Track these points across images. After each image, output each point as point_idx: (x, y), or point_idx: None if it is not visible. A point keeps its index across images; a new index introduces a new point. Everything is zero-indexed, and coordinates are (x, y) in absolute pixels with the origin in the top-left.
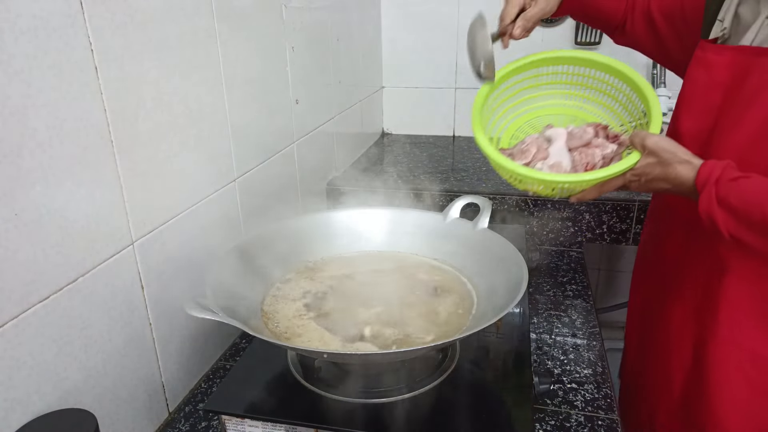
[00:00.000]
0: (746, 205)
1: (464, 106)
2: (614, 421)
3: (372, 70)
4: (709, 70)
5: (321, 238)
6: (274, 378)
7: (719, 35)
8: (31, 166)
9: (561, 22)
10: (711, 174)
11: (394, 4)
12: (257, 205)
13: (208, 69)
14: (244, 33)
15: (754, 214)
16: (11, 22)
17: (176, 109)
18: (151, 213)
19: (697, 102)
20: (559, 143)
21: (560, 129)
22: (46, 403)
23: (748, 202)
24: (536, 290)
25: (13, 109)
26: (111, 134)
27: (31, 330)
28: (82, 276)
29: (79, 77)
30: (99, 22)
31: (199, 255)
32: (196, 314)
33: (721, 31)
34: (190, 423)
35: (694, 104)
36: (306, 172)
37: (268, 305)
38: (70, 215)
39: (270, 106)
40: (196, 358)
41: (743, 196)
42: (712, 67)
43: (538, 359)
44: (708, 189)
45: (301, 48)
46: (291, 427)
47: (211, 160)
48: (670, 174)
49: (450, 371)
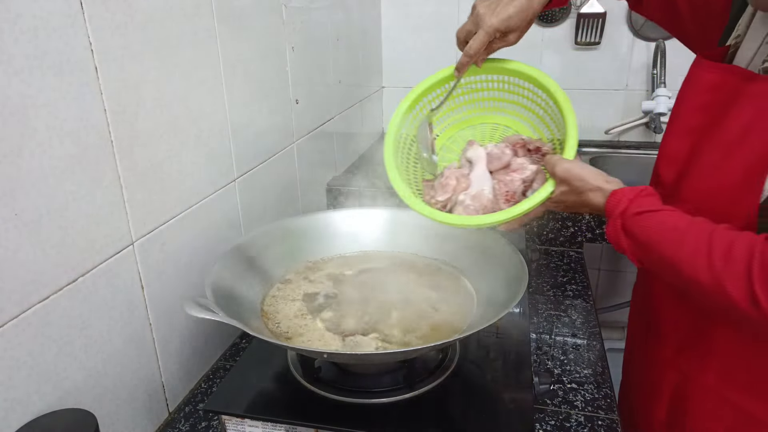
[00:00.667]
0: (648, 241)
1: None
2: (614, 421)
3: (372, 70)
4: (695, 87)
5: (321, 238)
6: (274, 378)
7: (733, 42)
8: (31, 166)
9: (561, 22)
10: (618, 205)
11: (394, 4)
12: (257, 205)
13: (208, 69)
14: (244, 33)
15: (653, 252)
16: (11, 22)
17: (176, 109)
18: (151, 213)
19: (681, 121)
20: (480, 167)
21: (480, 150)
22: (46, 403)
23: (650, 240)
24: (536, 290)
25: (13, 109)
26: (111, 134)
27: (31, 330)
28: (82, 276)
29: (79, 77)
30: (99, 22)
31: (199, 255)
32: (196, 314)
33: (734, 39)
34: (190, 423)
35: (677, 123)
36: (306, 172)
37: (268, 305)
38: (70, 215)
39: (270, 106)
40: (196, 358)
41: (645, 232)
42: (698, 84)
43: (538, 359)
44: (614, 220)
45: (301, 48)
46: (291, 427)
47: (211, 160)
48: (585, 201)
49: (450, 371)
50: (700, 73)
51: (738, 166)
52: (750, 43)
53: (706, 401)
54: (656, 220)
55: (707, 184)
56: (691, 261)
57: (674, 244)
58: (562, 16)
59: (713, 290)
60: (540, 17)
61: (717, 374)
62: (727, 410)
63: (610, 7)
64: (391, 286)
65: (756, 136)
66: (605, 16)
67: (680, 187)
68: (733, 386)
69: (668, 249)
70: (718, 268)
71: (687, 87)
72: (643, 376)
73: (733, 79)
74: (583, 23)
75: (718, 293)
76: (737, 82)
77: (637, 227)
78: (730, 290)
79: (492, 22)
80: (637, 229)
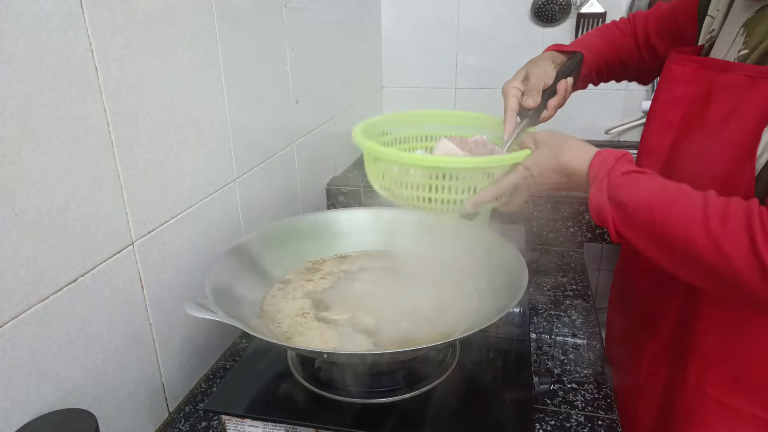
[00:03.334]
0: (637, 204)
1: (464, 106)
2: (614, 421)
3: (372, 70)
4: (670, 82)
5: (321, 238)
6: (274, 378)
7: (708, 37)
8: (31, 166)
9: (561, 22)
10: (603, 164)
11: (394, 4)
12: (257, 205)
13: (208, 69)
14: (244, 33)
15: (641, 215)
16: (11, 22)
17: (176, 109)
18: (151, 213)
19: (658, 116)
20: (448, 144)
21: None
22: (46, 403)
23: (639, 202)
24: (536, 290)
25: (13, 109)
26: (111, 134)
27: (31, 330)
28: (82, 276)
29: (79, 77)
30: (99, 22)
31: (199, 255)
32: (196, 314)
33: (709, 34)
34: (190, 423)
35: (655, 118)
36: (306, 172)
37: (269, 305)
38: (70, 215)
39: (270, 106)
40: (196, 358)
41: (633, 194)
42: (673, 79)
43: (538, 359)
44: (599, 181)
45: (301, 48)
46: (291, 427)
47: (211, 160)
48: (563, 163)
49: (450, 371)
50: (675, 68)
51: (723, 156)
52: (726, 37)
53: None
54: (645, 181)
55: (692, 175)
56: (685, 223)
57: (665, 207)
58: (562, 16)
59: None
60: (540, 17)
61: (697, 373)
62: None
63: (610, 7)
64: (391, 286)
65: (737, 124)
66: (605, 16)
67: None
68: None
69: (659, 211)
70: (715, 230)
71: (662, 82)
72: (626, 372)
73: (707, 72)
74: (583, 23)
75: (717, 256)
76: (712, 73)
77: (624, 189)
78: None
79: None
80: (623, 191)
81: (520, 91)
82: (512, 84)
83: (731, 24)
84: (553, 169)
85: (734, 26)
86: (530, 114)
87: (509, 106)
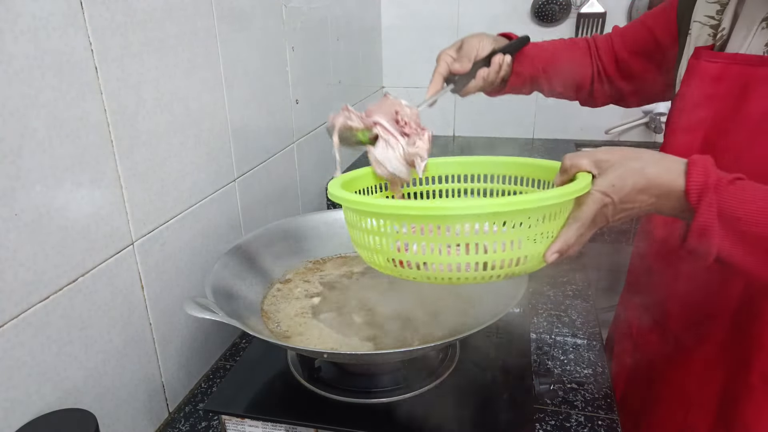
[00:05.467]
0: (751, 217)
1: (464, 106)
2: (614, 421)
3: (372, 70)
4: (698, 80)
5: (321, 238)
6: (274, 378)
7: (718, 39)
8: (31, 166)
9: (561, 22)
10: (707, 175)
11: (394, 4)
12: (257, 205)
13: (208, 69)
14: (244, 33)
15: (759, 228)
16: (11, 22)
17: (176, 109)
18: (151, 213)
19: (686, 115)
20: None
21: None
22: (46, 403)
23: (754, 212)
24: (536, 290)
25: (13, 109)
26: (111, 134)
27: (31, 330)
28: (82, 276)
29: (79, 77)
30: (99, 22)
31: (199, 255)
32: (196, 314)
33: (720, 32)
34: (190, 423)
35: (683, 117)
36: (306, 172)
37: (268, 305)
38: (70, 215)
39: (270, 106)
40: (196, 358)
41: (748, 205)
42: (702, 76)
43: (538, 359)
44: (709, 196)
45: (301, 48)
46: (291, 427)
47: (211, 160)
48: (652, 180)
49: (450, 371)
50: (702, 66)
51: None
52: (742, 33)
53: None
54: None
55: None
56: None
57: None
58: (562, 16)
59: None
60: (540, 17)
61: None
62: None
63: (610, 6)
64: (391, 286)
65: None
66: (605, 16)
67: None
68: None
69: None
70: None
71: (689, 81)
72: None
73: (739, 67)
74: (583, 23)
75: None
76: (746, 69)
77: (736, 200)
78: None
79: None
80: (735, 202)
81: (452, 57)
82: (446, 51)
83: (746, 20)
84: (640, 189)
85: (752, 22)
86: (456, 80)
87: (438, 69)
